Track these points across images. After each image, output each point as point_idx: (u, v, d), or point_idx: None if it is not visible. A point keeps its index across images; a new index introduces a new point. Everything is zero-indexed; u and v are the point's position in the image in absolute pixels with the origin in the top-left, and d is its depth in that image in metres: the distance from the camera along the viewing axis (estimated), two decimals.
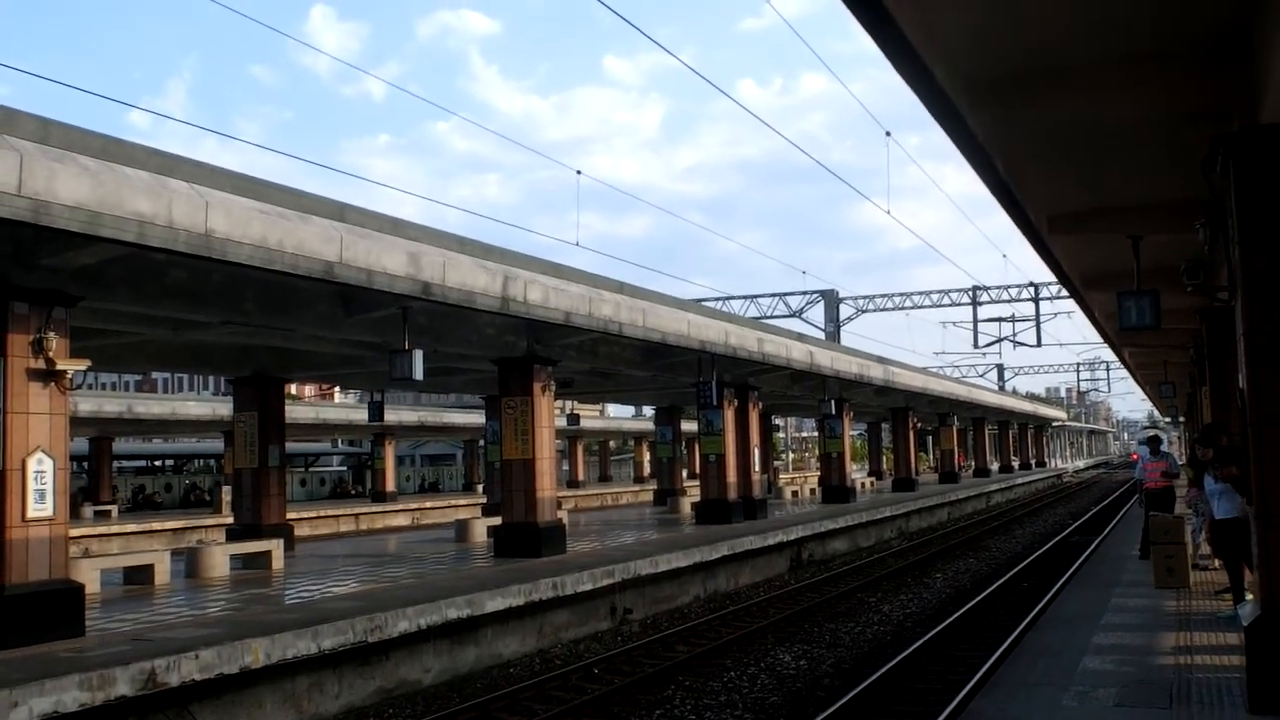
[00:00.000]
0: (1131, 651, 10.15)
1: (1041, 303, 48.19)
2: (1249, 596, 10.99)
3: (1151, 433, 37.96)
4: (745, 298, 49.88)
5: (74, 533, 22.58)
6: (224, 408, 37.78)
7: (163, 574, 15.69)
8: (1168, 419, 67.42)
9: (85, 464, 45.75)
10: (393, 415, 45.43)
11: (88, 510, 39.01)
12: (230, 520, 23.91)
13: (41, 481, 10.58)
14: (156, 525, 36.15)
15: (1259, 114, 7.51)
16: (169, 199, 9.94)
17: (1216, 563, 14.70)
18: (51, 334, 10.72)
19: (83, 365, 11.24)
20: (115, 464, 49.58)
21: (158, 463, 61.80)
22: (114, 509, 41.20)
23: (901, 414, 43.00)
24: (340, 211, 12.45)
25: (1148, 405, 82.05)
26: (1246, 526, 10.70)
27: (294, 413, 37.09)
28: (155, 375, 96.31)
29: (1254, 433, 7.76)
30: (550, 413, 18.91)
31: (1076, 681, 8.97)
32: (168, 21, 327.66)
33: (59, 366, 10.79)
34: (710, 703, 11.77)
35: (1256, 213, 7.81)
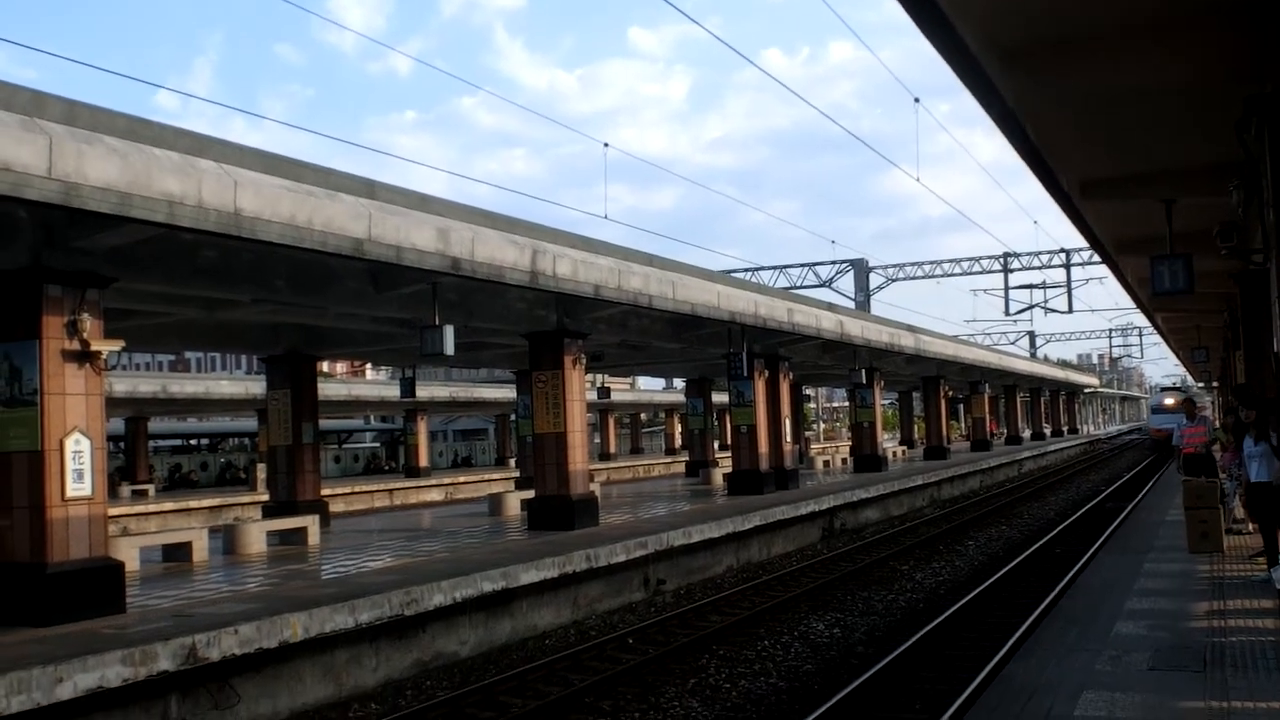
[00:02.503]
0: (1165, 616, 10.13)
1: (1073, 269, 47.85)
2: None
3: (1170, 399, 37.32)
4: (774, 268, 49.75)
5: (112, 512, 22.89)
6: (257, 386, 38.10)
7: (201, 551, 15.88)
8: (1200, 384, 66.79)
9: (121, 444, 46.28)
10: (424, 391, 45.64)
11: (125, 489, 39.51)
12: (266, 497, 24.14)
13: (79, 461, 10.72)
14: (193, 503, 36.59)
15: None
16: (198, 179, 10.01)
17: (1251, 526, 14.61)
18: (85, 315, 10.82)
19: (117, 346, 11.35)
20: (151, 443, 50.12)
21: (193, 441, 62.45)
22: (151, 488, 41.64)
23: (933, 382, 42.81)
24: (368, 189, 12.50)
25: (1181, 370, 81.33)
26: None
27: (326, 390, 37.31)
28: (188, 355, 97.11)
29: None
30: (581, 386, 18.95)
31: (1110, 646, 8.96)
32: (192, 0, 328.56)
33: (93, 347, 10.90)
34: (744, 671, 11.84)
35: None
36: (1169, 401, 54.80)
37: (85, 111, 9.48)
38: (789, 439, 28.10)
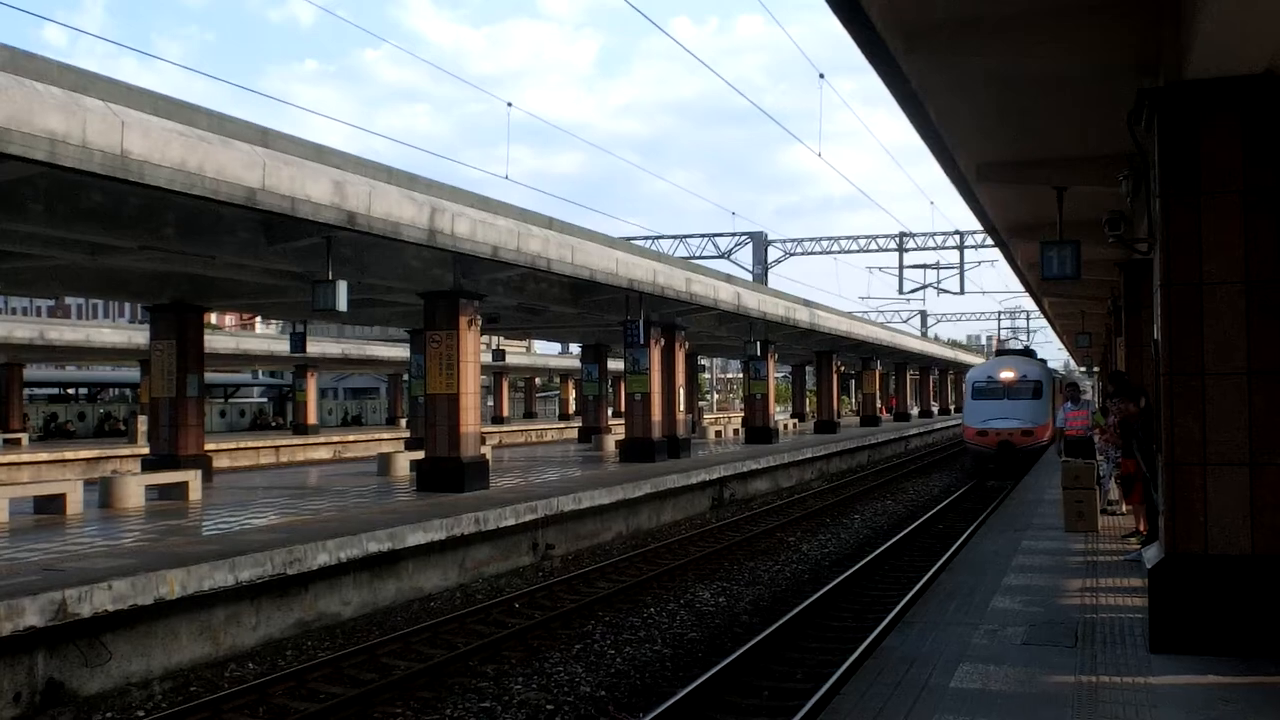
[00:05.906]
0: (1040, 592, 10.43)
1: (966, 251, 48.76)
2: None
3: (1007, 371, 36.40)
4: (675, 237, 49.70)
5: None
6: (140, 336, 36.88)
7: (75, 504, 15.38)
8: (1082, 368, 68.89)
9: None
10: (315, 347, 44.77)
11: None
12: (146, 450, 23.49)
13: None
14: (69, 454, 35.40)
15: (1184, 69, 7.60)
16: (83, 117, 9.59)
17: (1124, 508, 15.14)
18: None
19: None
20: (26, 391, 48.31)
21: (71, 391, 60.41)
22: (24, 437, 40.24)
23: (826, 357, 43.40)
24: (263, 137, 12.12)
25: (1064, 355, 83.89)
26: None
27: (213, 342, 36.42)
28: (69, 301, 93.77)
29: (1167, 383, 7.95)
30: (476, 347, 18.76)
31: (987, 620, 9.20)
32: None
33: None
34: (630, 638, 11.90)
35: (1178, 167, 7.94)
36: (1006, 376, 31.06)
37: None
38: (682, 408, 28.27)
